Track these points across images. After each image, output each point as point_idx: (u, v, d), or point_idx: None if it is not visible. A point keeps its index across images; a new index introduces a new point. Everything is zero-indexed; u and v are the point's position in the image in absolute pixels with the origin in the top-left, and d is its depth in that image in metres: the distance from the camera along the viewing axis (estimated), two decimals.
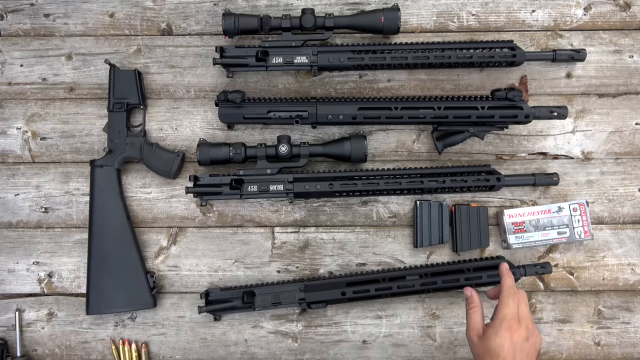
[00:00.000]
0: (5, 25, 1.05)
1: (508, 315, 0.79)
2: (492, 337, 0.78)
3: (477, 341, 0.80)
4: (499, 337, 0.78)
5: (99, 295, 0.96)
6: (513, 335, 0.78)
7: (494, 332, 0.78)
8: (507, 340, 0.77)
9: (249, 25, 0.95)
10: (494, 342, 0.78)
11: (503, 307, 0.80)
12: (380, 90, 1.04)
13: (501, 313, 0.80)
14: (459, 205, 0.98)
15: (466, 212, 0.97)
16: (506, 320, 0.79)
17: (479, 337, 0.80)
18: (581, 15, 1.04)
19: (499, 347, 0.77)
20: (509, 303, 0.80)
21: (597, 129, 1.03)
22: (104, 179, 0.98)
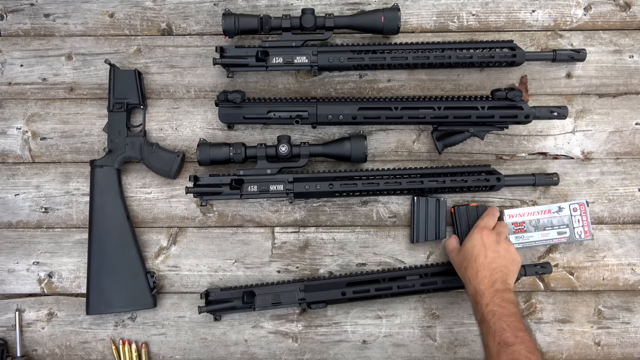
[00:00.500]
0: (5, 25, 1.05)
1: (481, 224, 0.91)
2: (466, 243, 0.90)
3: (455, 255, 0.91)
4: (471, 240, 0.89)
5: (99, 295, 0.96)
6: (484, 237, 0.88)
7: (468, 238, 0.90)
8: (477, 241, 0.88)
9: (249, 25, 0.95)
10: (467, 245, 0.89)
11: (480, 220, 0.93)
12: (380, 90, 1.04)
13: (477, 223, 0.92)
14: (458, 206, 0.98)
15: (465, 213, 0.98)
16: (479, 227, 0.91)
17: (456, 251, 0.91)
18: (581, 15, 1.04)
19: (471, 248, 0.87)
20: (486, 217, 0.93)
21: (597, 129, 1.03)
22: (104, 179, 0.98)
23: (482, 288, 0.82)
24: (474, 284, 0.84)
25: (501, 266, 0.84)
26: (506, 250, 0.87)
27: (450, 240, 0.95)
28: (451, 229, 1.00)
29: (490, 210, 0.95)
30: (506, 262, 0.85)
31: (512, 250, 0.88)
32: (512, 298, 0.82)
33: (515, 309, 0.80)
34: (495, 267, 0.84)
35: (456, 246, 0.92)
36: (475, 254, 0.86)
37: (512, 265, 0.86)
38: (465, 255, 0.87)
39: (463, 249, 0.89)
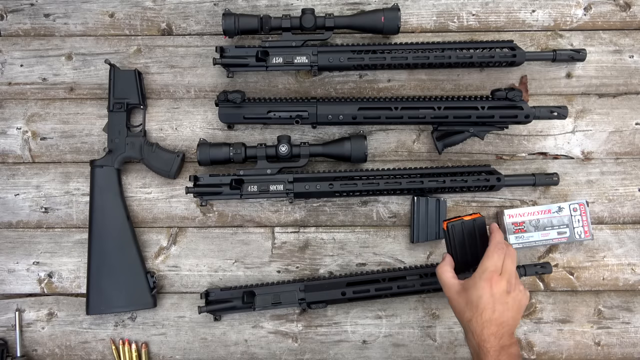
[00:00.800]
0: (5, 25, 1.05)
1: (489, 267, 0.77)
2: (471, 289, 0.76)
3: (456, 297, 0.78)
4: (477, 289, 0.76)
5: (99, 295, 0.96)
6: (493, 286, 0.75)
7: (473, 284, 0.76)
8: (486, 292, 0.75)
9: (249, 25, 0.95)
10: (473, 294, 0.76)
11: (486, 260, 0.78)
12: (380, 90, 1.04)
13: (483, 265, 0.78)
14: (452, 223, 0.83)
15: (461, 229, 0.83)
16: (487, 272, 0.76)
17: (457, 293, 0.78)
18: (581, 15, 1.04)
19: (477, 299, 0.75)
20: (494, 256, 0.78)
21: (597, 129, 1.03)
22: (104, 179, 0.98)
23: (488, 347, 0.74)
24: (478, 340, 0.75)
25: (509, 319, 0.75)
26: (516, 301, 0.77)
27: (445, 268, 0.81)
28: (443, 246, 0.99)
29: (496, 243, 0.80)
30: (515, 314, 0.76)
31: (521, 297, 0.78)
32: (517, 352, 0.76)
33: None
34: (503, 321, 0.75)
35: (454, 282, 0.80)
36: (482, 307, 0.75)
37: (519, 314, 0.78)
38: (470, 305, 0.76)
39: (466, 295, 0.77)
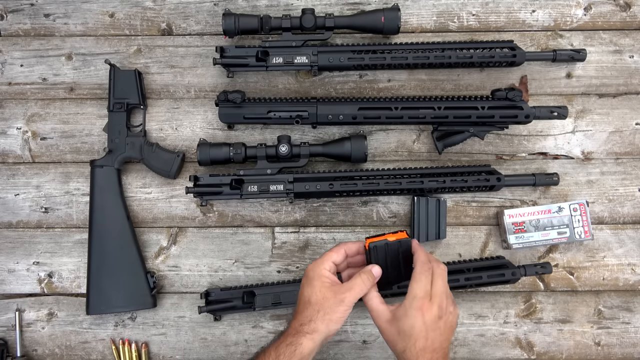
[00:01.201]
0: (5, 25, 1.05)
1: (419, 294, 0.73)
2: (402, 318, 0.73)
3: (387, 326, 0.75)
4: (409, 318, 0.73)
5: (99, 295, 0.96)
6: (424, 314, 0.72)
7: (404, 313, 0.73)
8: (418, 320, 0.72)
9: (249, 25, 0.95)
10: (405, 324, 0.73)
11: (414, 284, 0.74)
12: (380, 90, 1.04)
13: (412, 291, 0.74)
14: (375, 244, 0.79)
15: (384, 251, 0.79)
16: (417, 299, 0.73)
17: (388, 322, 0.75)
18: (581, 15, 1.04)
19: (410, 328, 0.72)
20: (422, 280, 0.74)
21: (597, 129, 1.03)
22: (104, 179, 0.98)
23: None
24: None
25: (442, 343, 0.73)
26: (447, 324, 0.74)
27: (373, 294, 0.77)
28: None
29: (421, 264, 0.76)
30: (447, 337, 0.74)
31: (452, 319, 0.75)
32: None
33: None
34: (436, 347, 0.72)
35: (384, 310, 0.76)
36: (415, 337, 0.72)
37: (451, 335, 0.76)
38: (402, 335, 0.73)
39: (398, 325, 0.73)
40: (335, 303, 0.75)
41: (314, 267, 0.78)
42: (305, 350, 0.73)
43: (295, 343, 0.73)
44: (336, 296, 0.75)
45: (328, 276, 0.77)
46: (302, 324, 0.74)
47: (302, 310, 0.76)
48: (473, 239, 1.01)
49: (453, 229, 1.01)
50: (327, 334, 0.75)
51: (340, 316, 0.75)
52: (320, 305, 0.75)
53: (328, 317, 0.74)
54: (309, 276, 0.77)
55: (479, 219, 1.02)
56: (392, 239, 0.79)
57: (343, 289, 0.76)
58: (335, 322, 0.75)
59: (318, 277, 0.77)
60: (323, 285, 0.76)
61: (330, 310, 0.74)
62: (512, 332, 1.00)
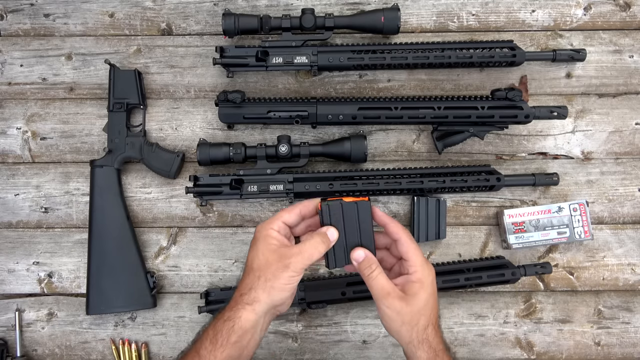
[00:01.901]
0: (5, 25, 1.05)
1: (424, 261, 0.67)
2: (419, 292, 0.65)
3: (402, 306, 0.64)
4: (425, 290, 0.65)
5: (99, 295, 0.96)
6: (433, 280, 0.67)
7: (420, 285, 0.65)
8: (432, 291, 0.66)
9: (249, 25, 0.95)
10: (421, 299, 0.65)
11: (415, 251, 0.66)
12: (380, 90, 1.04)
13: (417, 259, 0.66)
14: (328, 202, 0.70)
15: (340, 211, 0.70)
16: (426, 267, 0.67)
17: (402, 300, 0.65)
18: (581, 15, 1.04)
19: (425, 303, 0.65)
20: (414, 243, 0.68)
21: (597, 129, 1.03)
22: (104, 179, 0.98)
23: (443, 348, 0.67)
24: (436, 345, 0.66)
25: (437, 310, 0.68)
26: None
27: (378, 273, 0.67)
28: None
29: (403, 229, 0.69)
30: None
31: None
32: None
33: None
34: (436, 312, 0.68)
35: (395, 288, 0.66)
36: (429, 309, 0.65)
37: None
38: (417, 313, 0.65)
39: (414, 302, 0.64)
40: (279, 268, 0.64)
41: (260, 228, 0.68)
42: (246, 324, 0.63)
43: (233, 317, 0.64)
44: (281, 260, 0.64)
45: (275, 237, 0.67)
46: (242, 294, 0.65)
47: (244, 277, 0.67)
48: (473, 239, 1.01)
49: (453, 229, 1.01)
50: (270, 305, 0.65)
51: (284, 283, 0.64)
52: (261, 271, 0.65)
53: (270, 285, 0.64)
54: (255, 237, 0.67)
55: (478, 219, 1.02)
56: (348, 200, 0.70)
57: (290, 252, 0.65)
58: (279, 291, 0.64)
59: (263, 238, 0.66)
60: (268, 247, 0.66)
61: (272, 277, 0.64)
62: (512, 332, 1.00)
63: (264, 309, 0.64)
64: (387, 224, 0.69)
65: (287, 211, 0.69)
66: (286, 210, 0.70)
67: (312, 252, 0.65)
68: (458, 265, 0.95)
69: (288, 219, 0.69)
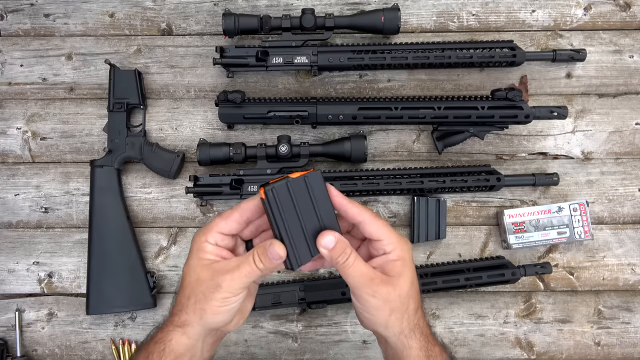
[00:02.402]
0: (5, 25, 1.05)
1: (396, 237, 0.57)
2: (404, 273, 0.56)
3: (388, 291, 0.55)
4: (410, 267, 0.57)
5: (99, 295, 0.96)
6: (411, 255, 0.58)
7: (403, 263, 0.56)
8: (413, 264, 0.57)
9: (249, 25, 0.95)
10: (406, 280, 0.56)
11: (384, 228, 0.56)
12: (380, 90, 1.04)
13: (390, 236, 0.56)
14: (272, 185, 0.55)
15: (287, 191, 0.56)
16: (403, 243, 0.57)
17: (385, 282, 0.55)
18: (581, 15, 1.04)
19: (410, 285, 0.56)
20: (379, 219, 0.57)
21: (597, 129, 1.03)
22: (104, 179, 0.98)
23: (430, 332, 0.60)
24: (426, 330, 0.59)
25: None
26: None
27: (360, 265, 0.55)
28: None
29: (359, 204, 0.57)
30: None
31: None
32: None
33: None
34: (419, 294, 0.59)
35: (376, 272, 0.56)
36: (415, 292, 0.58)
37: None
38: (403, 297, 0.56)
39: (400, 285, 0.56)
40: (210, 288, 0.54)
41: (195, 237, 0.58)
42: (179, 348, 0.56)
43: (164, 340, 0.56)
44: (213, 278, 0.55)
45: (210, 251, 0.56)
46: (173, 314, 0.58)
47: (178, 294, 0.58)
48: (473, 239, 1.01)
49: (453, 229, 1.01)
50: (206, 328, 0.56)
51: (217, 305, 0.55)
52: (192, 290, 0.56)
53: (200, 307, 0.55)
54: (190, 248, 0.58)
55: (478, 219, 1.02)
56: (295, 176, 0.56)
57: (225, 267, 0.55)
58: (211, 314, 0.55)
59: (196, 251, 0.57)
60: (199, 262, 0.56)
61: (203, 298, 0.55)
62: (512, 332, 1.00)
63: (197, 332, 0.56)
64: (344, 205, 0.57)
65: (223, 218, 0.57)
66: (223, 217, 0.57)
67: (248, 271, 0.54)
68: (458, 265, 0.95)
69: (224, 227, 0.57)
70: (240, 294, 0.55)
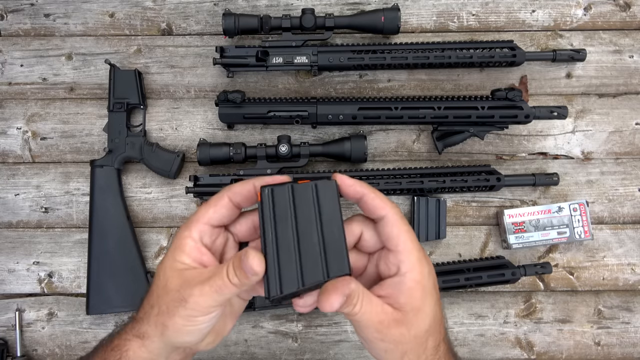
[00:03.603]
0: (5, 25, 1.05)
1: (421, 250, 0.46)
2: (426, 302, 0.45)
3: (400, 333, 0.45)
4: (432, 296, 0.46)
5: (99, 295, 0.96)
6: (434, 278, 0.48)
7: (423, 291, 0.45)
8: (433, 306, 0.46)
9: (249, 25, 0.95)
10: (432, 307, 0.46)
11: (410, 239, 0.46)
12: (380, 90, 1.04)
13: (414, 250, 0.46)
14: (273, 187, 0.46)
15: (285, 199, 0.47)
16: (425, 260, 0.46)
17: (398, 322, 0.44)
18: (581, 15, 1.04)
19: (438, 310, 0.47)
20: (409, 227, 0.47)
21: (597, 129, 1.03)
22: (104, 179, 0.98)
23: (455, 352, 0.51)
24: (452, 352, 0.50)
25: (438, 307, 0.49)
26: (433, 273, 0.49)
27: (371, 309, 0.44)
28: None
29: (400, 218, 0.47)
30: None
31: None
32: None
33: None
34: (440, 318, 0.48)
35: (389, 311, 0.45)
36: (434, 326, 0.47)
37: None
38: (434, 325, 0.46)
39: (415, 323, 0.45)
40: (175, 301, 0.45)
41: (177, 233, 0.48)
42: None
43: (120, 348, 0.48)
44: (181, 290, 0.44)
45: (189, 251, 0.46)
46: (135, 319, 0.49)
47: (145, 297, 0.49)
48: (473, 239, 1.01)
49: (453, 229, 1.01)
50: (168, 345, 0.47)
51: (181, 324, 0.45)
52: (157, 298, 0.46)
53: (161, 321, 0.46)
54: (171, 244, 0.48)
55: (479, 219, 1.02)
56: (304, 181, 0.46)
57: (199, 277, 0.45)
58: (174, 332, 0.45)
59: (173, 250, 0.47)
60: (173, 265, 0.46)
61: (166, 311, 0.45)
62: (512, 332, 1.00)
63: (158, 347, 0.47)
64: (364, 195, 0.46)
65: (211, 204, 0.47)
66: (211, 204, 0.47)
67: (219, 286, 0.43)
68: (458, 265, 0.95)
69: (213, 215, 0.47)
70: (210, 313, 0.45)
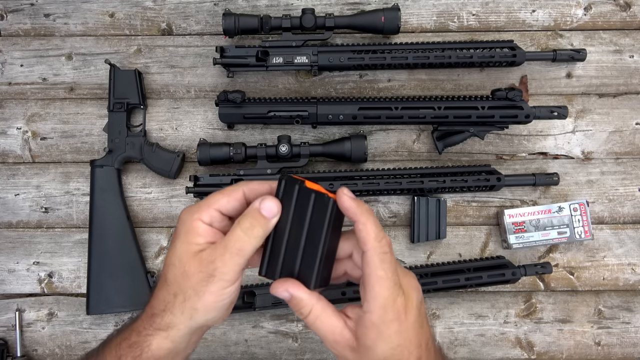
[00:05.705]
0: (5, 25, 1.05)
1: (389, 298, 0.45)
2: (378, 345, 0.46)
3: (354, 357, 0.47)
4: (387, 341, 0.46)
5: (99, 295, 0.96)
6: (402, 323, 0.46)
7: (378, 335, 0.46)
8: (399, 337, 0.46)
9: (249, 25, 0.95)
10: (383, 350, 0.46)
11: (379, 284, 0.46)
12: (380, 90, 1.04)
13: (379, 296, 0.46)
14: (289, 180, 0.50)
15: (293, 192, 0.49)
16: (390, 309, 0.45)
17: (353, 350, 0.46)
18: (581, 15, 1.04)
19: (390, 355, 0.46)
20: (386, 270, 0.46)
21: (597, 129, 1.03)
22: (104, 179, 0.98)
23: None
24: None
25: (426, 338, 0.49)
26: (424, 315, 0.50)
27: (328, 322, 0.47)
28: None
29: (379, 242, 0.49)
30: (428, 327, 0.50)
31: (418, 294, 0.50)
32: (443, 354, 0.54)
33: None
34: (421, 342, 0.48)
35: (349, 338, 0.47)
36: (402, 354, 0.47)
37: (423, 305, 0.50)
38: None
39: (372, 354, 0.46)
40: (202, 281, 0.46)
41: (183, 217, 0.49)
42: (159, 353, 0.48)
43: (140, 345, 0.48)
44: (203, 269, 0.46)
45: (202, 233, 0.47)
46: (153, 314, 0.48)
47: (157, 290, 0.49)
48: (473, 239, 1.01)
49: (453, 228, 1.01)
50: (193, 328, 0.48)
51: (212, 300, 0.46)
52: (178, 286, 0.47)
53: (190, 306, 0.46)
54: (176, 231, 0.49)
55: (479, 219, 1.02)
56: (312, 187, 0.47)
57: (214, 253, 0.46)
58: (204, 312, 0.47)
59: (184, 234, 0.48)
60: (187, 249, 0.47)
61: (193, 294, 0.46)
62: (512, 332, 1.00)
63: (183, 334, 0.48)
64: (356, 222, 0.48)
65: (225, 193, 0.48)
66: (224, 193, 0.48)
67: (242, 243, 0.44)
68: (458, 265, 0.95)
69: (226, 205, 0.48)
70: (237, 280, 0.47)
